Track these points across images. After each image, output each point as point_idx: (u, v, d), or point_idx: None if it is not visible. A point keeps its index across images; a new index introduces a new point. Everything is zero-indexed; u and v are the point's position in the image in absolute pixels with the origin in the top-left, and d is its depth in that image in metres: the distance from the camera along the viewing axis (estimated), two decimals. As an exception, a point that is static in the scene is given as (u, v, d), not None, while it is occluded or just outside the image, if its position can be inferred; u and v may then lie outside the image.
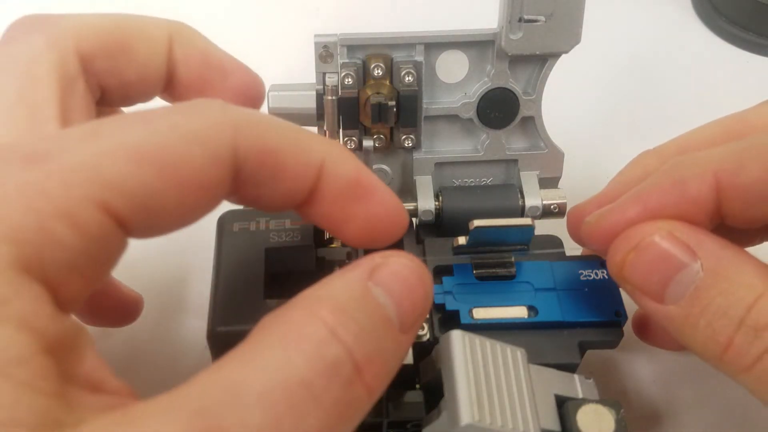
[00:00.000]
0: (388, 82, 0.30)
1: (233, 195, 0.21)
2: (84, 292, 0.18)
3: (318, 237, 0.30)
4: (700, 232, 0.24)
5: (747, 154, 0.23)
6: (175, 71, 0.27)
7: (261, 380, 0.17)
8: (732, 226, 0.24)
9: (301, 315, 0.19)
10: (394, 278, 0.21)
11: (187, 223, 0.20)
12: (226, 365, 0.18)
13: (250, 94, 0.29)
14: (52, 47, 0.25)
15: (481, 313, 0.27)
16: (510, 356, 0.24)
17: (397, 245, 0.31)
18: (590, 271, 0.29)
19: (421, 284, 0.21)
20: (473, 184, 0.33)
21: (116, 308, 0.32)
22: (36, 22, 0.26)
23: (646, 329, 0.32)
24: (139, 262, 0.34)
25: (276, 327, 0.19)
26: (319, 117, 0.30)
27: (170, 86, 0.28)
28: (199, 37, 0.28)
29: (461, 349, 0.23)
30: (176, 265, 0.37)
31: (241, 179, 0.20)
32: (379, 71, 0.29)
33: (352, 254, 0.30)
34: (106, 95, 0.27)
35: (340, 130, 0.31)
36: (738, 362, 0.22)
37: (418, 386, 0.26)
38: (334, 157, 0.22)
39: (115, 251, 0.19)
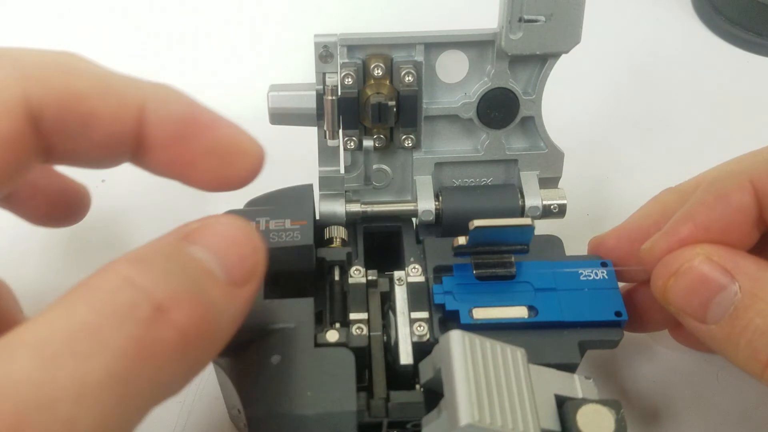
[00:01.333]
0: (388, 82, 0.30)
1: (46, 153, 0.21)
2: None
3: (318, 237, 0.30)
4: (738, 254, 0.25)
5: None
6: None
7: (36, 331, 0.17)
8: None
9: (99, 273, 0.18)
10: (214, 235, 0.20)
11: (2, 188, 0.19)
12: (24, 325, 0.17)
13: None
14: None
15: (481, 313, 0.27)
16: (510, 356, 0.24)
17: (397, 245, 0.31)
18: (590, 271, 0.29)
19: (246, 239, 0.21)
20: (473, 184, 0.33)
21: (61, 204, 0.29)
22: None
23: (680, 331, 0.32)
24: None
25: (73, 289, 0.18)
26: (319, 117, 0.30)
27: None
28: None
29: (461, 349, 0.23)
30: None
31: (47, 131, 0.20)
32: (379, 71, 0.29)
33: (352, 254, 0.30)
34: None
35: (340, 130, 0.31)
36: None
37: (418, 386, 0.26)
38: (159, 97, 0.21)
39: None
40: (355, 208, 0.31)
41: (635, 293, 0.30)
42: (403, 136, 0.31)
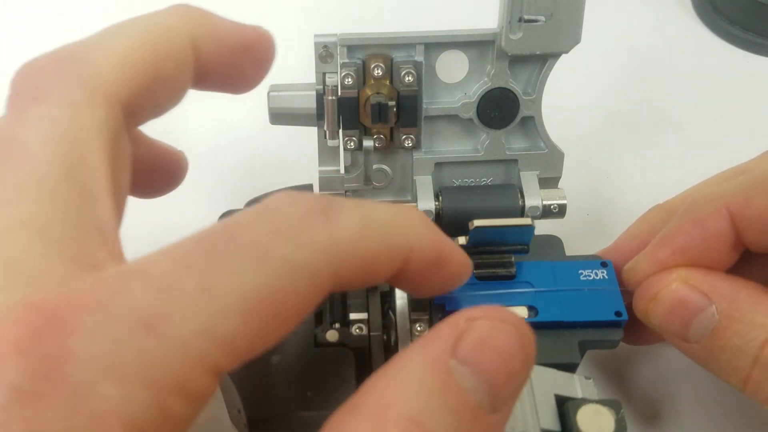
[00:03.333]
0: (388, 82, 0.30)
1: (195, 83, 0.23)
2: None
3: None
4: (714, 276, 0.26)
5: (752, 187, 0.25)
6: (204, 69, 0.24)
7: None
8: (756, 252, 0.26)
9: (367, 428, 0.16)
10: (485, 348, 0.17)
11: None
12: None
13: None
14: (94, 104, 0.20)
15: (481, 313, 0.27)
16: (510, 356, 0.24)
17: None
18: (590, 271, 0.29)
19: (520, 349, 0.18)
20: (473, 184, 0.33)
21: (159, 170, 0.28)
22: (62, 68, 0.21)
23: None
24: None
25: None
26: (319, 117, 0.30)
27: (198, 81, 0.25)
28: (218, 24, 0.25)
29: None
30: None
31: (333, 290, 0.19)
32: (379, 71, 0.29)
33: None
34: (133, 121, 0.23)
35: (340, 130, 0.31)
36: (758, 395, 0.25)
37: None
38: (419, 240, 0.20)
39: (213, 393, 0.18)
40: (355, 208, 0.31)
41: (629, 309, 0.30)
42: (403, 136, 0.31)
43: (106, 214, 0.20)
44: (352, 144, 0.31)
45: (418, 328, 0.27)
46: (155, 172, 0.28)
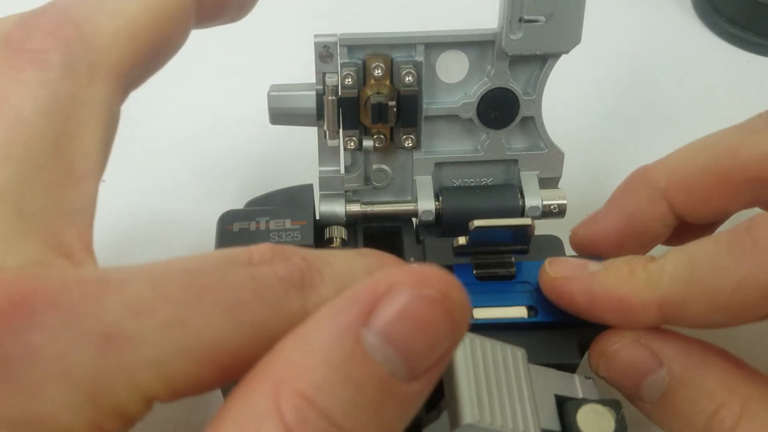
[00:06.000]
0: (388, 82, 0.30)
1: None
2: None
3: (318, 237, 0.30)
4: (667, 337, 0.25)
5: (689, 290, 0.23)
6: (204, 10, 0.24)
7: None
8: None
9: (263, 398, 0.16)
10: (401, 319, 0.16)
11: None
12: None
13: None
14: (96, 79, 0.20)
15: (481, 313, 0.27)
16: (510, 356, 0.24)
17: (397, 245, 0.31)
18: (590, 271, 0.29)
19: (444, 317, 0.16)
20: (473, 184, 0.33)
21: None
22: (65, 33, 0.20)
23: None
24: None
25: (237, 410, 0.16)
26: (319, 117, 0.30)
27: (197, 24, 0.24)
28: None
29: (461, 348, 0.23)
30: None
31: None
32: (379, 71, 0.29)
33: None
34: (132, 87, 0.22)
35: (340, 130, 0.31)
36: None
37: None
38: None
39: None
40: (355, 208, 0.31)
41: None
42: (403, 136, 0.31)
43: (87, 197, 0.19)
44: (352, 144, 0.31)
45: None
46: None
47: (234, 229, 0.29)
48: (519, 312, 0.28)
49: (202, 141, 0.43)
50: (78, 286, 0.16)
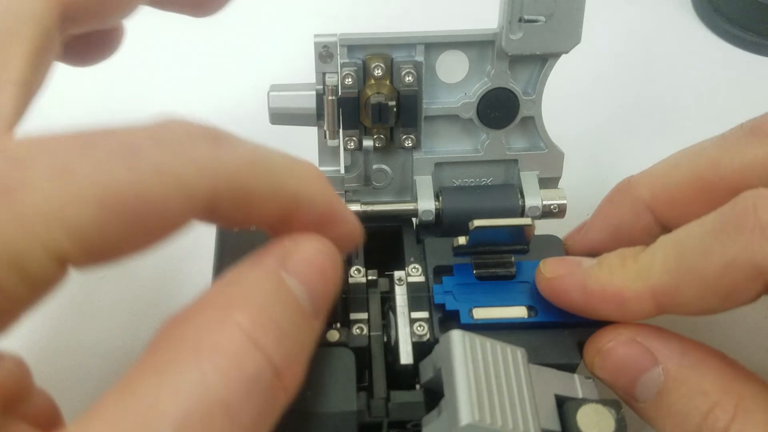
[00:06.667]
0: (388, 82, 0.30)
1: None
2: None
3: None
4: (663, 335, 0.25)
5: (680, 276, 0.23)
6: None
7: (175, 404, 0.16)
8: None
9: (215, 320, 0.17)
10: (307, 264, 0.20)
11: (139, 254, 0.19)
12: (138, 384, 0.16)
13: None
14: None
15: (481, 313, 0.27)
16: (510, 356, 0.24)
17: (397, 245, 0.31)
18: (590, 271, 0.29)
19: (332, 267, 0.21)
20: (473, 184, 0.33)
21: (94, 38, 0.27)
22: None
23: None
24: (138, 265, 0.34)
25: (188, 333, 0.17)
26: (319, 117, 0.30)
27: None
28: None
29: (461, 349, 0.23)
30: (176, 266, 0.37)
31: (210, 217, 0.19)
32: (379, 71, 0.29)
33: (352, 254, 0.30)
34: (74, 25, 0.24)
35: (340, 130, 0.31)
36: None
37: (418, 386, 0.26)
38: (309, 191, 0.21)
39: (56, 284, 0.17)
40: (355, 208, 0.31)
41: None
42: (403, 136, 0.31)
43: (5, 103, 0.20)
44: (352, 144, 0.31)
45: (419, 329, 0.27)
46: (90, 39, 0.27)
47: (234, 230, 0.29)
48: (519, 312, 0.28)
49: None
50: None
